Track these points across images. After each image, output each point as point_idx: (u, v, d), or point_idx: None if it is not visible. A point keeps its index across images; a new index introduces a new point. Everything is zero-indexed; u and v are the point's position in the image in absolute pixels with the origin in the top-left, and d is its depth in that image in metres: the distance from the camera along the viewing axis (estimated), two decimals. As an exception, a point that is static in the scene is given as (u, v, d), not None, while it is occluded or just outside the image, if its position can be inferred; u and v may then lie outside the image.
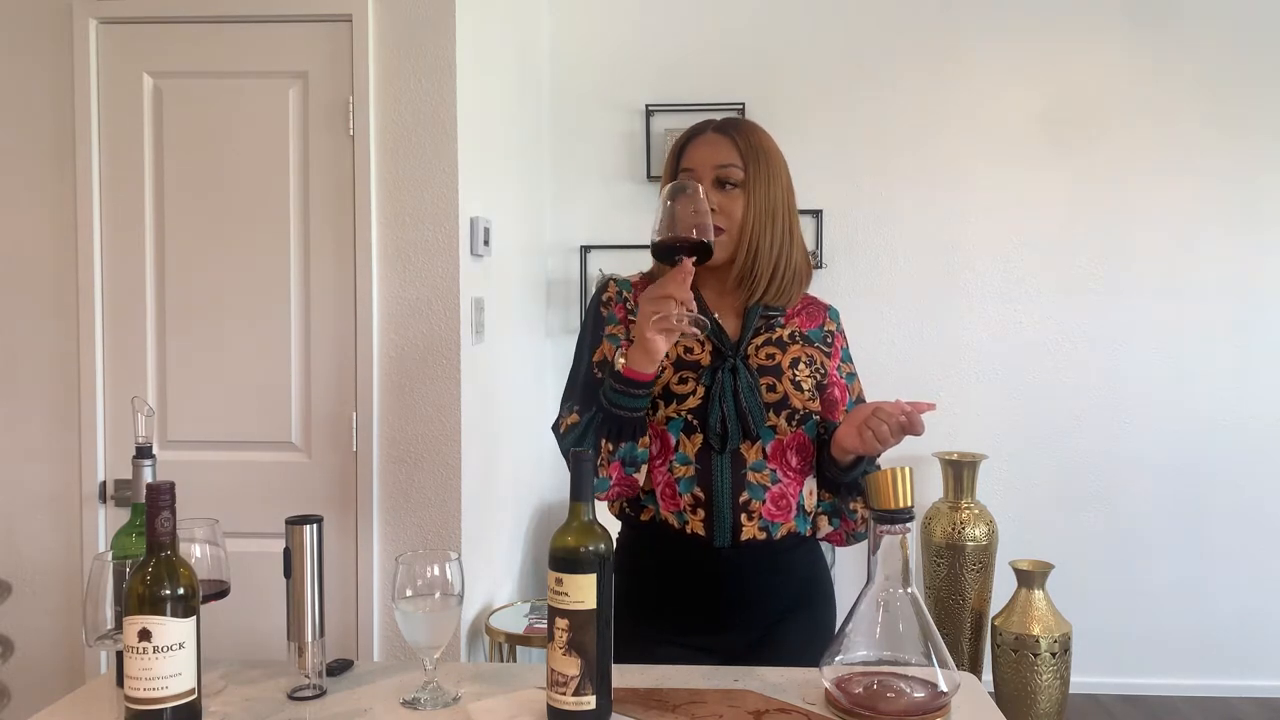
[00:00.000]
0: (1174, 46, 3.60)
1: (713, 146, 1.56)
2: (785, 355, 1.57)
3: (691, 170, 1.56)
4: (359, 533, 2.39)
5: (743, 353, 1.55)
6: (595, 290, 1.64)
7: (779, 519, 1.54)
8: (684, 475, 1.53)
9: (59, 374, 2.41)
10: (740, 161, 1.55)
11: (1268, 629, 3.65)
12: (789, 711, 1.25)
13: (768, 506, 1.53)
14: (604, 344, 1.58)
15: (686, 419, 1.52)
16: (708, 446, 1.52)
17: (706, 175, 1.54)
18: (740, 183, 1.54)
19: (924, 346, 3.69)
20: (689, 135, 1.61)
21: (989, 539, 3.41)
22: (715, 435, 1.51)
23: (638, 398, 1.45)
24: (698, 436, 1.52)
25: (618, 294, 1.62)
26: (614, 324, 1.59)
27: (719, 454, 1.52)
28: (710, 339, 1.55)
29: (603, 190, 3.69)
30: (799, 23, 3.66)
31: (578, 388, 1.58)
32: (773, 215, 1.55)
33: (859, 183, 3.67)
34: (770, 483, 1.54)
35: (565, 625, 1.17)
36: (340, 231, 2.37)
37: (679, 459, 1.53)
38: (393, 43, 2.36)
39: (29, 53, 2.39)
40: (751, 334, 1.57)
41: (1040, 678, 3.16)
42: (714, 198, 1.53)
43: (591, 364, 1.58)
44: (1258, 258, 3.62)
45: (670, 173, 1.60)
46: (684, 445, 1.53)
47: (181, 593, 1.12)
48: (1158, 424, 3.65)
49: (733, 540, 1.52)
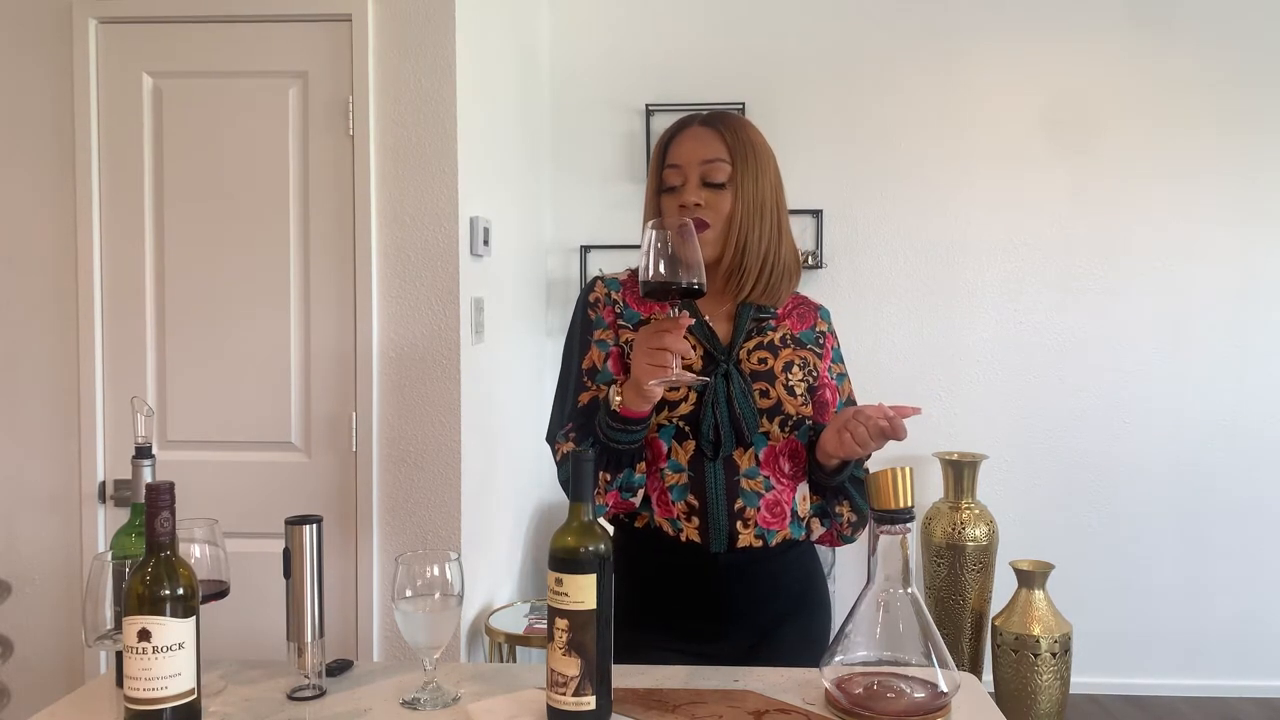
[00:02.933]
0: (1174, 46, 3.60)
1: (699, 141, 1.53)
2: (778, 360, 1.54)
3: (678, 166, 1.53)
4: (359, 533, 2.39)
5: (735, 357, 1.53)
6: (583, 289, 1.61)
7: (774, 526, 1.53)
8: (676, 483, 1.50)
9: (59, 374, 2.41)
10: (728, 156, 1.51)
11: (1267, 629, 3.65)
12: (789, 712, 1.25)
13: (763, 514, 1.51)
14: (593, 349, 1.55)
15: (679, 425, 1.49)
16: (700, 453, 1.49)
17: (693, 170, 1.51)
18: (728, 178, 1.51)
19: (924, 346, 3.69)
20: (675, 129, 1.57)
21: (989, 539, 3.41)
22: (708, 442, 1.48)
23: (635, 432, 1.43)
24: (690, 443, 1.50)
25: (606, 295, 1.58)
26: (602, 328, 1.56)
27: (711, 461, 1.49)
28: (701, 342, 1.52)
29: (603, 190, 3.70)
30: (799, 22, 3.66)
31: (569, 401, 1.55)
32: (761, 210, 1.52)
33: (859, 183, 3.67)
34: (764, 489, 1.52)
35: (565, 625, 1.16)
36: (340, 231, 2.37)
37: (671, 466, 1.50)
38: (393, 42, 2.36)
39: (29, 53, 2.39)
40: (744, 337, 1.54)
41: (1040, 678, 3.15)
42: (701, 193, 1.51)
43: (581, 370, 1.55)
44: (1258, 257, 3.62)
45: (656, 168, 1.56)
46: (675, 452, 1.50)
47: (181, 593, 1.12)
48: (1158, 424, 3.66)
49: (729, 546, 1.50)
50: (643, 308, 1.57)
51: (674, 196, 1.53)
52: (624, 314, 1.57)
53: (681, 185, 1.53)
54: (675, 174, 1.53)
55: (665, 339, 1.31)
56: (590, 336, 1.56)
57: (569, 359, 1.59)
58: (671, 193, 1.54)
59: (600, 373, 1.53)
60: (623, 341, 1.54)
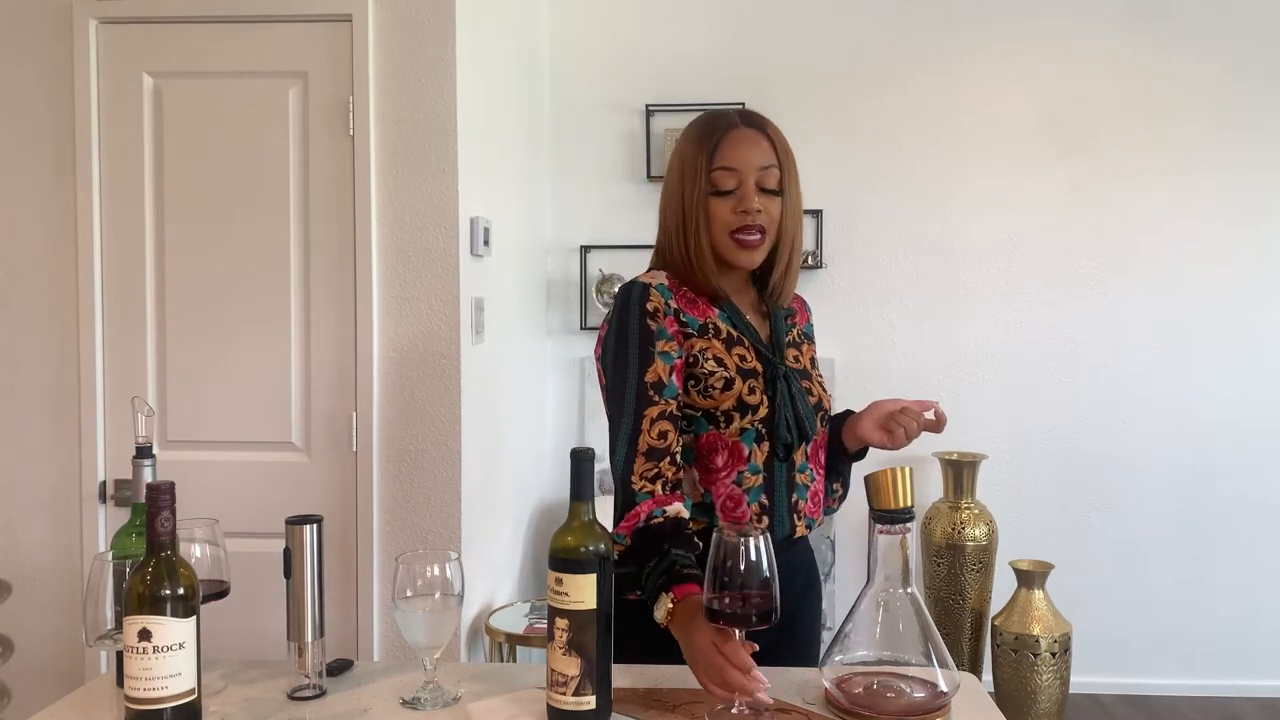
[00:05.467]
0: (1174, 46, 3.60)
1: (755, 146, 1.50)
2: (804, 356, 1.61)
3: (734, 170, 1.49)
4: (359, 533, 2.39)
5: (782, 355, 1.56)
6: (629, 296, 1.51)
7: (814, 514, 1.57)
8: (754, 485, 1.50)
9: (59, 374, 2.41)
10: (778, 162, 1.52)
11: (1268, 629, 3.65)
12: (789, 711, 1.25)
13: (809, 505, 1.56)
14: (656, 362, 1.46)
15: (757, 429, 1.50)
16: (773, 454, 1.51)
17: (750, 176, 1.49)
18: (779, 186, 1.52)
19: (924, 346, 3.69)
20: (721, 129, 1.51)
21: (989, 539, 3.41)
22: (783, 444, 1.51)
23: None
24: (765, 445, 1.51)
25: (665, 304, 1.49)
26: (665, 339, 1.48)
27: (781, 461, 1.52)
28: (754, 345, 1.53)
29: (602, 190, 3.69)
30: (799, 22, 3.66)
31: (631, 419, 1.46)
32: (799, 217, 1.57)
33: (859, 183, 3.67)
34: (810, 481, 1.56)
35: (565, 625, 1.17)
36: (340, 231, 2.37)
37: (750, 469, 1.50)
38: (393, 43, 2.36)
39: (29, 53, 2.39)
40: (783, 336, 1.58)
41: (1040, 678, 3.16)
42: (759, 200, 1.49)
43: (644, 384, 1.46)
44: (1258, 257, 3.62)
45: (704, 170, 1.50)
46: (755, 455, 1.50)
47: (181, 593, 1.12)
48: (1158, 424, 3.65)
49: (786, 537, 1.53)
50: (694, 311, 1.51)
51: (727, 201, 1.50)
52: (686, 320, 1.51)
53: (736, 189, 1.49)
54: (730, 177, 1.49)
55: (732, 680, 1.19)
56: (653, 348, 1.47)
57: (624, 372, 1.47)
58: (722, 197, 1.50)
59: (667, 387, 1.46)
60: (691, 352, 1.49)
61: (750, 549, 1.18)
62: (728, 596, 1.18)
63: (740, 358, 1.51)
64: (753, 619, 1.18)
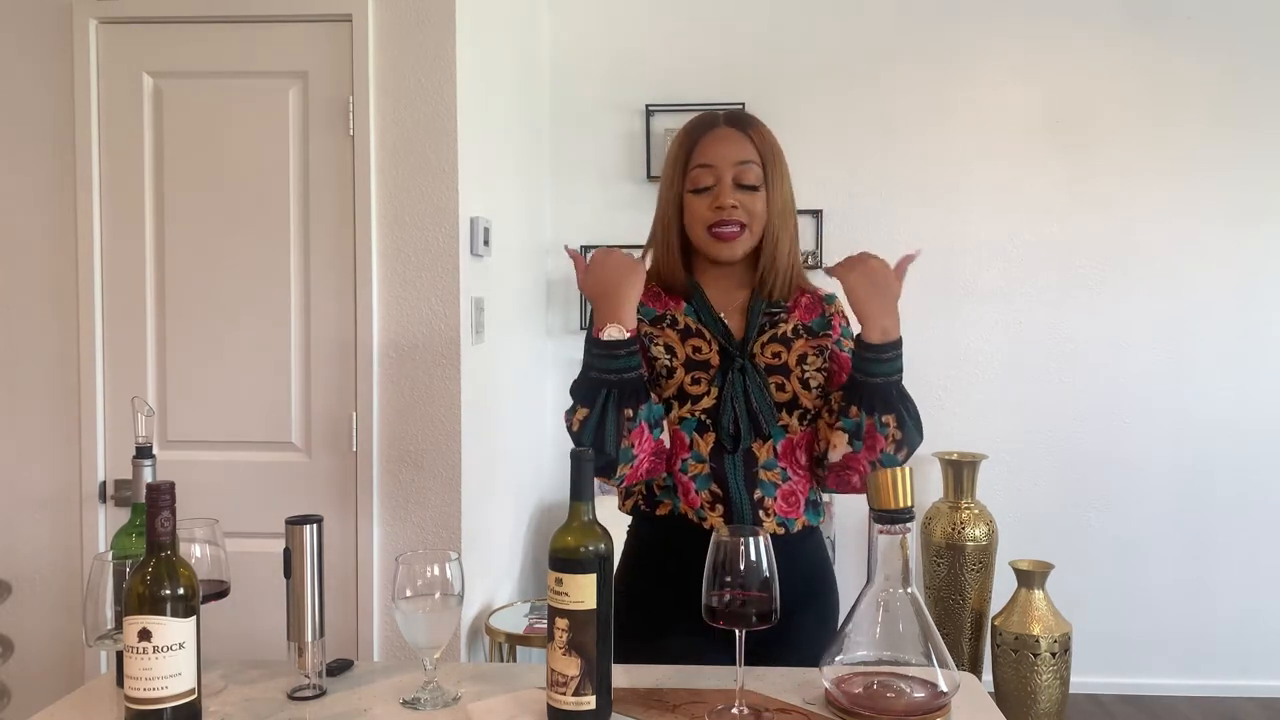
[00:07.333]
0: (1174, 45, 3.60)
1: (732, 142, 1.55)
2: (791, 353, 1.58)
3: (711, 166, 1.54)
4: (359, 533, 2.39)
5: (749, 351, 1.56)
6: None
7: (791, 515, 1.55)
8: (699, 473, 1.53)
9: (59, 374, 2.41)
10: (758, 159, 1.55)
11: (1268, 629, 3.65)
12: (789, 711, 1.25)
13: (779, 504, 1.54)
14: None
15: (700, 418, 1.53)
16: (720, 446, 1.53)
17: (727, 171, 1.53)
18: (759, 180, 1.54)
19: (924, 346, 3.68)
20: (699, 129, 1.58)
21: (989, 539, 3.41)
22: (728, 436, 1.52)
23: (621, 357, 1.44)
24: (710, 435, 1.53)
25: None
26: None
27: (730, 454, 1.53)
28: (716, 338, 1.55)
29: (603, 190, 3.69)
30: (799, 22, 3.66)
31: None
32: (785, 214, 1.58)
33: (859, 183, 3.67)
34: (781, 480, 1.55)
35: (565, 625, 1.17)
36: (340, 231, 2.37)
37: (694, 457, 1.53)
38: (393, 43, 2.36)
39: (29, 53, 2.39)
40: (756, 332, 1.58)
41: (1040, 678, 3.16)
42: (736, 195, 1.53)
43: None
44: (1258, 257, 3.62)
45: (681, 167, 1.56)
46: (697, 444, 1.53)
47: (181, 593, 1.12)
48: (1158, 424, 3.65)
49: None
50: (655, 303, 1.60)
51: (705, 197, 1.55)
52: (642, 311, 1.56)
53: (714, 185, 1.54)
54: (707, 174, 1.54)
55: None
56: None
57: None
58: (700, 194, 1.55)
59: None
60: (640, 338, 1.54)
61: (750, 549, 1.20)
62: (728, 596, 1.19)
63: (694, 349, 1.55)
64: (752, 619, 1.20)
